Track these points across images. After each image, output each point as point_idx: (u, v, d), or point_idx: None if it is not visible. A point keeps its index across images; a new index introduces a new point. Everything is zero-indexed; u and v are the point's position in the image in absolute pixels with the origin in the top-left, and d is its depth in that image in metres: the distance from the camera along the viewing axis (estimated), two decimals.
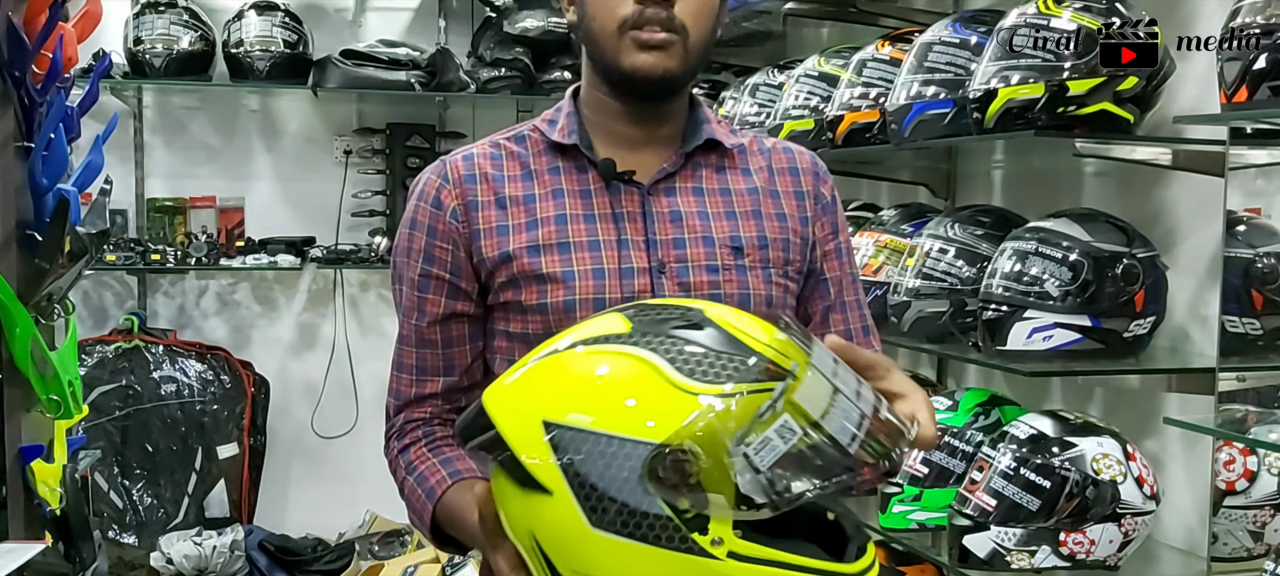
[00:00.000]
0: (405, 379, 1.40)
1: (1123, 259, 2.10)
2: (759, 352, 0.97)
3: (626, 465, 0.93)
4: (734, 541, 0.93)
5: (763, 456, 0.92)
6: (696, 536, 0.93)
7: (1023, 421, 2.19)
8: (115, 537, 3.87)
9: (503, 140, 1.40)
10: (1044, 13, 2.08)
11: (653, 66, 1.28)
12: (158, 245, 4.06)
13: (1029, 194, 2.67)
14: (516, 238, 1.33)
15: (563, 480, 0.95)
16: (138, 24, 3.88)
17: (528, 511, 0.98)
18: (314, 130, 4.33)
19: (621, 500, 0.93)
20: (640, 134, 1.37)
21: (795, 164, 1.44)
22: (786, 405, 0.94)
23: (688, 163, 1.38)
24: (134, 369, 4.00)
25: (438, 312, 1.36)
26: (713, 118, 1.42)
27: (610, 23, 1.28)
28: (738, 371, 0.95)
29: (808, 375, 0.96)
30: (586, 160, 1.36)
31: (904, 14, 2.97)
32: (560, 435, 0.96)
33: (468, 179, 1.35)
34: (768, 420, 0.93)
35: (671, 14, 1.27)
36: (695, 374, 0.95)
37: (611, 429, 0.94)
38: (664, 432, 0.93)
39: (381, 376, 4.31)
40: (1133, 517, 2.09)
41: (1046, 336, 2.10)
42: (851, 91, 2.67)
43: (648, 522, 0.93)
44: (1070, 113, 2.04)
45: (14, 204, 1.61)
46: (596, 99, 1.37)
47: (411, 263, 1.37)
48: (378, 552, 4.16)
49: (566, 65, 4.16)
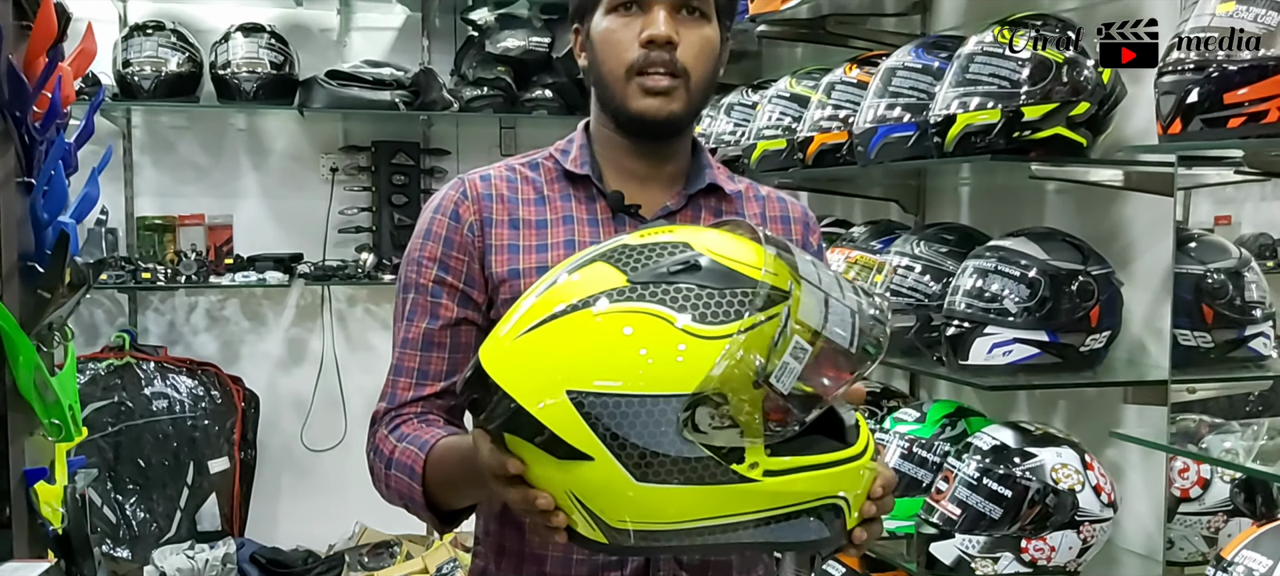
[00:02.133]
0: (403, 382, 1.43)
1: (1078, 276, 2.19)
2: (757, 281, 1.01)
3: (663, 420, 0.98)
4: (766, 461, 1.02)
5: (784, 381, 1.00)
6: (735, 466, 1.01)
7: (986, 432, 2.28)
8: (109, 552, 3.93)
9: (518, 165, 1.49)
10: (1000, 42, 2.18)
11: (658, 110, 1.37)
12: (148, 264, 4.12)
13: (994, 209, 2.76)
14: (526, 258, 1.42)
15: (602, 446, 0.99)
16: (126, 46, 3.94)
17: (566, 476, 1.02)
18: (300, 148, 4.40)
19: (663, 453, 0.99)
20: (645, 169, 1.46)
21: (787, 213, 1.55)
22: (794, 327, 1.01)
23: (689, 203, 1.47)
24: (126, 385, 4.07)
25: (450, 317, 1.42)
26: (714, 164, 1.52)
27: (618, 67, 1.37)
28: (743, 305, 1.00)
29: (803, 290, 1.03)
30: (597, 190, 1.45)
31: (872, 36, 3.06)
32: (590, 403, 0.99)
33: (485, 197, 1.44)
34: (781, 347, 1.00)
35: (674, 58, 1.36)
36: (706, 318, 0.99)
37: (641, 388, 0.98)
38: (692, 383, 0.98)
39: (369, 390, 4.38)
40: (1091, 524, 2.18)
41: (1006, 351, 2.19)
42: (821, 112, 2.75)
43: (691, 466, 1.00)
44: (1026, 137, 2.13)
45: (16, 237, 1.68)
46: (605, 135, 1.46)
47: (427, 269, 1.43)
48: (367, 564, 4.22)
49: (547, 83, 4.25)
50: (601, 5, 1.39)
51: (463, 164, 4.51)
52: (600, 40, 1.39)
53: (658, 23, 1.34)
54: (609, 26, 1.38)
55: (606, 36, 1.38)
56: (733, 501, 1.02)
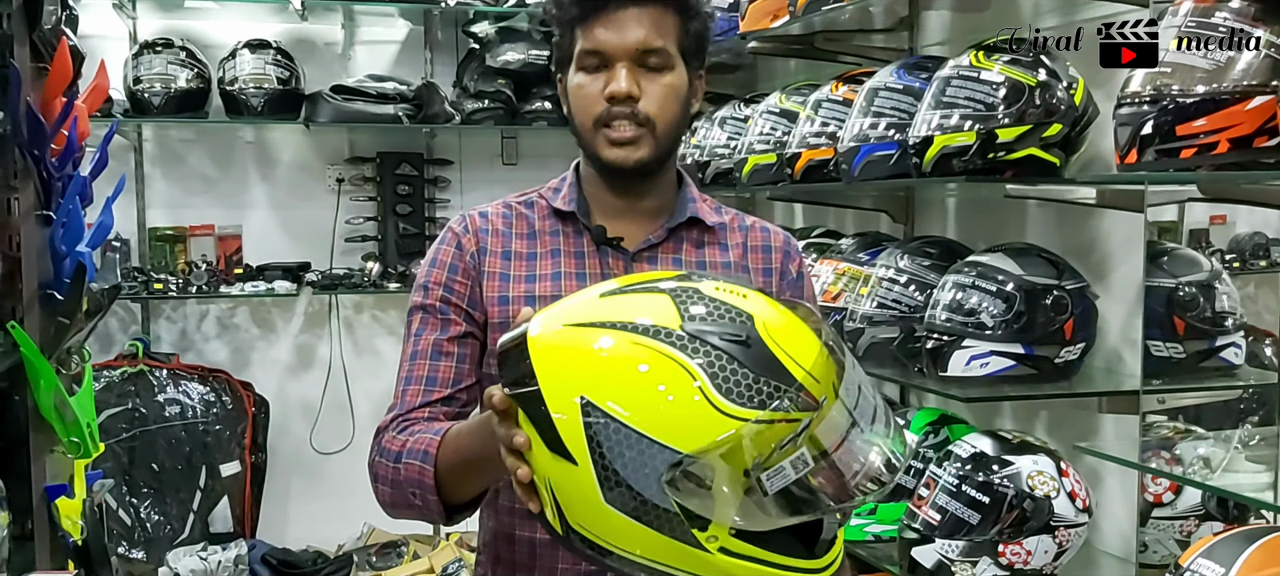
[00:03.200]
0: (413, 390, 1.49)
1: (1053, 291, 2.27)
2: (796, 381, 1.03)
3: (650, 464, 1.03)
4: (726, 539, 1.06)
5: (773, 482, 1.03)
6: (696, 531, 1.05)
7: (965, 440, 2.36)
8: (124, 554, 4.03)
9: (515, 203, 1.60)
10: (975, 66, 2.26)
11: (624, 158, 1.47)
12: (160, 274, 4.22)
13: (979, 220, 2.85)
14: (516, 287, 1.53)
15: (588, 456, 1.05)
16: (137, 64, 4.04)
17: (551, 466, 1.08)
18: (307, 160, 4.50)
19: (638, 489, 1.04)
20: (627, 205, 1.56)
21: (769, 243, 1.63)
22: (805, 440, 1.03)
23: (671, 236, 1.57)
24: (139, 392, 4.17)
25: (459, 331, 1.52)
26: (698, 197, 1.61)
27: (587, 120, 1.48)
28: (773, 395, 1.02)
29: (832, 409, 1.05)
30: (583, 226, 1.55)
31: (861, 51, 3.15)
32: (595, 417, 1.05)
33: (483, 231, 1.55)
34: (786, 451, 1.02)
35: (636, 110, 1.46)
36: (732, 395, 1.02)
37: (643, 428, 1.03)
38: (691, 446, 1.02)
39: (376, 393, 4.48)
40: (1066, 529, 2.26)
41: (983, 363, 2.27)
42: (809, 128, 2.84)
43: (657, 514, 1.04)
44: (1000, 158, 2.21)
45: (36, 268, 1.78)
46: (591, 175, 1.57)
47: (434, 291, 1.53)
48: (376, 563, 4.32)
49: (547, 95, 4.33)
50: (573, 61, 1.49)
51: (465, 173, 4.61)
52: (573, 94, 1.50)
53: (619, 79, 1.44)
54: (579, 82, 1.48)
55: (577, 91, 1.48)
56: (683, 559, 1.07)
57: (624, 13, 1.45)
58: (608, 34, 1.45)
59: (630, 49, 1.45)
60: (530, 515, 1.15)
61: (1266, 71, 1.58)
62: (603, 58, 1.46)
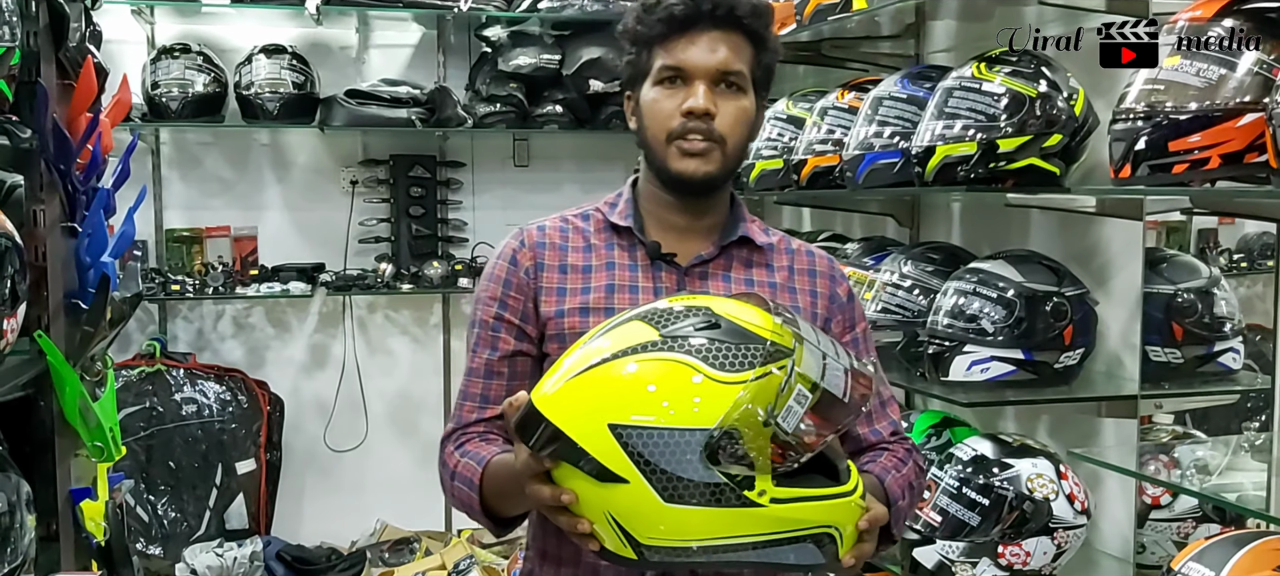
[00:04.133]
0: (468, 406, 1.60)
1: (1052, 297, 2.32)
2: (765, 338, 1.22)
3: (687, 450, 1.18)
4: (774, 490, 1.22)
5: (788, 421, 1.20)
6: (747, 492, 1.20)
7: (966, 443, 2.41)
8: (142, 550, 4.09)
9: (572, 216, 1.66)
10: (977, 77, 2.30)
11: (695, 171, 1.54)
12: (177, 276, 4.28)
13: (983, 225, 2.89)
14: (571, 299, 1.58)
15: (636, 470, 1.19)
16: (154, 69, 4.08)
17: (604, 497, 1.21)
18: (321, 162, 4.55)
19: (687, 477, 1.18)
20: (684, 222, 1.62)
21: (814, 267, 1.68)
22: (797, 377, 1.20)
23: (722, 253, 1.63)
24: (157, 391, 4.23)
25: (507, 349, 1.59)
26: (749, 218, 1.67)
27: (661, 133, 1.54)
28: (755, 357, 1.20)
29: (804, 350, 1.22)
30: (638, 241, 1.61)
31: (868, 58, 3.19)
32: (627, 434, 1.18)
33: (539, 245, 1.62)
34: (786, 393, 1.20)
35: (711, 127, 1.52)
36: (726, 367, 1.19)
37: (670, 423, 1.18)
38: (713, 419, 1.18)
39: (389, 393, 4.53)
40: (1065, 531, 2.30)
41: (984, 368, 2.32)
42: (815, 134, 2.88)
43: (709, 491, 1.19)
44: (1001, 168, 2.26)
45: (61, 278, 1.84)
46: (650, 191, 1.63)
47: (489, 307, 1.60)
48: (388, 560, 4.38)
49: (557, 99, 4.38)
50: (650, 76, 1.55)
51: (477, 176, 4.66)
52: (647, 108, 1.56)
53: (697, 96, 1.51)
54: (655, 96, 1.54)
55: (652, 105, 1.55)
56: (744, 523, 1.22)
57: (707, 34, 1.52)
58: (688, 53, 1.52)
59: (711, 69, 1.52)
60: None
61: (1257, 89, 1.62)
62: (682, 74, 1.52)
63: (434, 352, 4.70)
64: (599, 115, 4.45)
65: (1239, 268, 2.61)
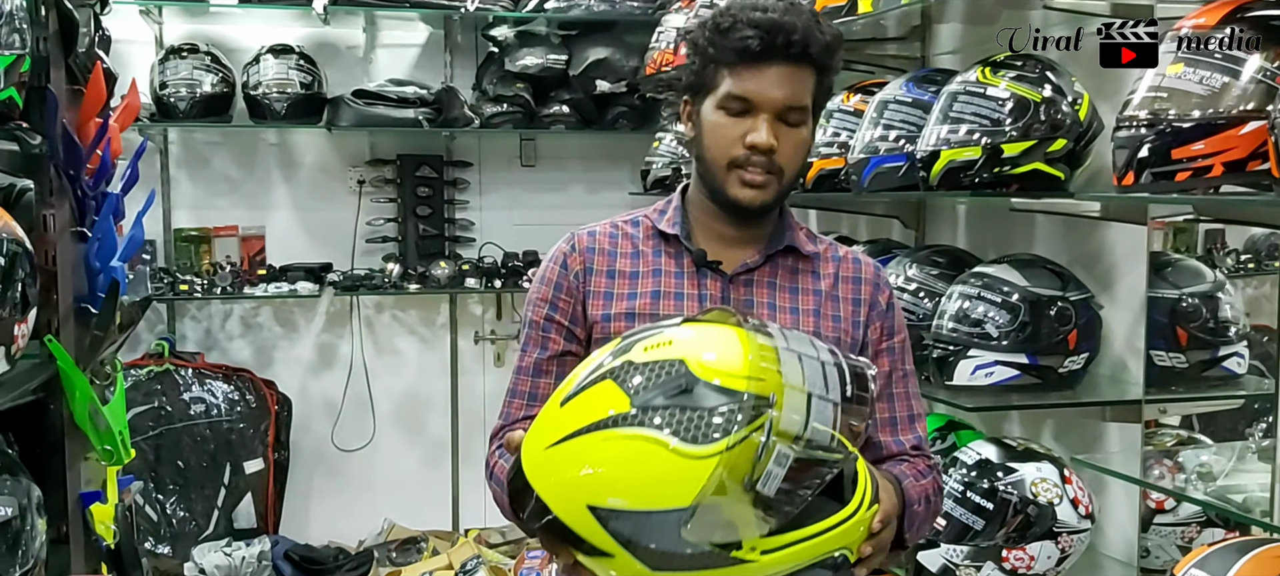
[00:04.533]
0: (517, 403, 1.65)
1: (1057, 302, 2.32)
2: (742, 393, 1.15)
3: (667, 529, 1.15)
4: (763, 543, 1.19)
5: (769, 486, 1.15)
6: (734, 553, 1.18)
7: (971, 447, 2.42)
8: (151, 549, 4.11)
9: (622, 222, 1.70)
10: (982, 82, 2.30)
11: (752, 199, 1.56)
12: (185, 276, 4.30)
13: (988, 227, 2.90)
14: (618, 304, 1.62)
15: (618, 547, 1.17)
16: (163, 69, 4.10)
17: (596, 564, 1.21)
18: (329, 162, 4.57)
19: (670, 551, 1.16)
20: (732, 232, 1.65)
21: (859, 275, 1.70)
22: (776, 436, 1.15)
23: (768, 261, 1.65)
24: (165, 391, 4.25)
25: (556, 350, 1.64)
26: (797, 226, 1.69)
27: (721, 158, 1.56)
28: (730, 421, 1.14)
29: (785, 396, 1.16)
30: (685, 248, 1.63)
31: (874, 60, 3.19)
32: (605, 516, 1.17)
33: (589, 250, 1.66)
34: (764, 458, 1.14)
35: (772, 160, 1.54)
36: (697, 439, 1.14)
37: (646, 506, 1.15)
38: (688, 497, 1.14)
39: (396, 392, 4.55)
40: (1068, 535, 2.31)
41: (988, 372, 2.32)
42: (820, 137, 2.89)
43: (696, 559, 1.17)
44: (1006, 172, 2.26)
45: (71, 283, 1.85)
46: (700, 199, 1.65)
47: (540, 308, 1.65)
48: (395, 559, 4.40)
49: (564, 99, 4.39)
50: (713, 96, 1.56)
51: (484, 175, 4.67)
52: (709, 129, 1.57)
53: (761, 131, 1.52)
54: (717, 121, 1.55)
55: (714, 128, 1.56)
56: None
57: (775, 69, 1.52)
58: (757, 85, 1.52)
59: (777, 104, 1.52)
60: None
61: (1260, 97, 1.62)
62: (748, 105, 1.53)
63: (441, 352, 4.71)
64: (606, 115, 4.46)
65: (1246, 268, 2.60)
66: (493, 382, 4.67)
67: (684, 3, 3.89)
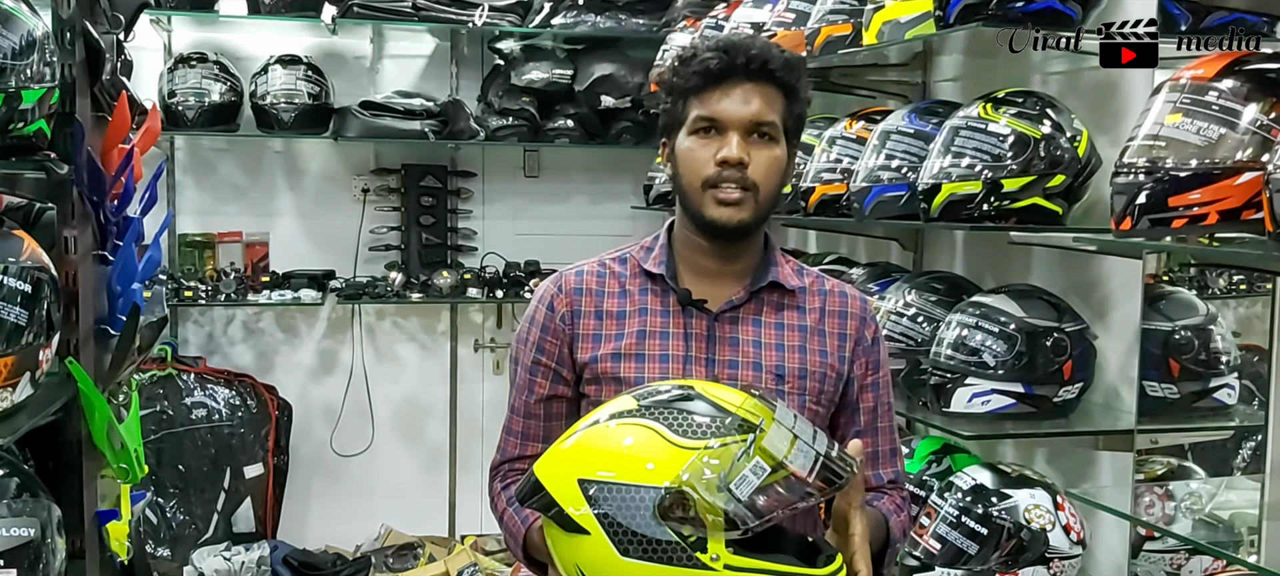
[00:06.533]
0: (511, 441, 1.72)
1: (1053, 333, 2.37)
2: (734, 413, 1.30)
3: (641, 506, 1.26)
4: (728, 556, 1.26)
5: (741, 489, 1.25)
6: (699, 554, 1.26)
7: (966, 472, 2.46)
8: (151, 552, 4.13)
9: (609, 260, 1.74)
10: (983, 117, 2.35)
11: (728, 217, 1.60)
12: (190, 281, 4.33)
13: (986, 254, 2.94)
14: (605, 345, 1.66)
15: (596, 523, 1.28)
16: (171, 77, 4.13)
17: (573, 549, 1.31)
18: (334, 170, 4.60)
19: (640, 532, 1.26)
20: (717, 267, 1.68)
21: (846, 309, 1.74)
22: (757, 450, 1.27)
23: (752, 298, 1.68)
24: (167, 395, 4.28)
25: (543, 393, 1.70)
26: (782, 260, 1.73)
27: (696, 181, 1.61)
28: (718, 429, 1.28)
29: (772, 427, 1.29)
30: (670, 287, 1.67)
31: (875, 87, 3.24)
32: (592, 487, 1.29)
33: (576, 292, 1.70)
34: (742, 463, 1.26)
35: (745, 176, 1.58)
36: (687, 434, 1.28)
37: (627, 479, 1.28)
38: (665, 478, 1.26)
39: (395, 398, 4.59)
40: (1060, 561, 2.35)
41: (984, 401, 2.37)
42: (822, 161, 2.94)
43: (661, 548, 1.26)
44: (1005, 207, 2.31)
45: (92, 305, 1.89)
46: (684, 236, 1.70)
47: (527, 351, 1.71)
48: (393, 565, 4.42)
49: (569, 114, 4.43)
50: (685, 126, 1.62)
51: (488, 186, 4.71)
52: (682, 156, 1.62)
53: (731, 146, 1.57)
54: (690, 145, 1.61)
55: (687, 154, 1.61)
56: None
57: (740, 87, 1.58)
58: (723, 105, 1.58)
59: (744, 120, 1.58)
60: None
61: (1256, 148, 1.67)
62: (716, 125, 1.59)
63: (441, 360, 4.75)
64: (609, 130, 4.50)
65: (1238, 289, 2.65)
66: (492, 390, 4.71)
67: (689, 21, 3.94)
